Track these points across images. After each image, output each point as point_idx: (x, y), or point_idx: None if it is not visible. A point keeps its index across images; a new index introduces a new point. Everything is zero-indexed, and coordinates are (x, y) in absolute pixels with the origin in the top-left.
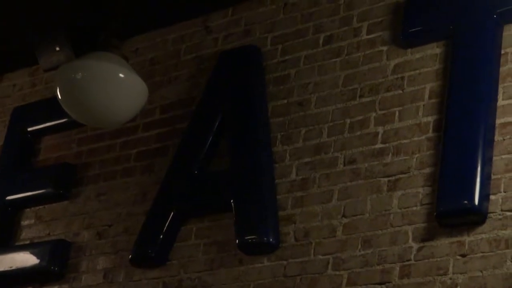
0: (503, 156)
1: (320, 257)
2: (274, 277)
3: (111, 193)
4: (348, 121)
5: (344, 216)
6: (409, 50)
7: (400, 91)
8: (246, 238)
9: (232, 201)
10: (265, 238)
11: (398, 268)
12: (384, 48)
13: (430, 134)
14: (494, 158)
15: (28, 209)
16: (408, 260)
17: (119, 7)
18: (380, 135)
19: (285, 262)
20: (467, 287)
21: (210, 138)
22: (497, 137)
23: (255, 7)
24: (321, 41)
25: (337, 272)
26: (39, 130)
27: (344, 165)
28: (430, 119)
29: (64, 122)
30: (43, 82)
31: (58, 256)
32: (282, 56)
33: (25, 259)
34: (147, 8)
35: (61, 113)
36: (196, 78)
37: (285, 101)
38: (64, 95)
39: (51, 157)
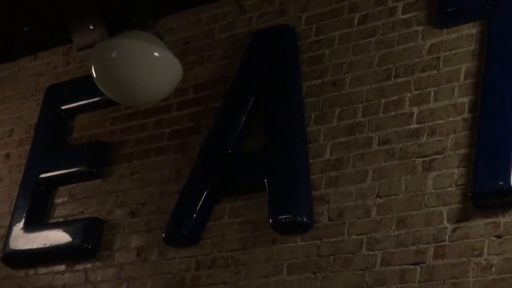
0: None
1: (354, 237)
2: (308, 256)
3: (145, 171)
4: (383, 101)
5: (378, 196)
6: (444, 30)
7: (436, 71)
8: (279, 217)
9: (265, 180)
10: (299, 218)
11: (432, 249)
12: (420, 28)
13: (466, 114)
14: None
15: (62, 187)
16: (442, 241)
17: None
18: (415, 115)
19: (318, 242)
20: (502, 269)
21: (244, 118)
22: None
23: None
24: (356, 21)
25: (371, 252)
26: (73, 108)
27: (379, 145)
28: (466, 99)
29: (98, 100)
30: (77, 61)
31: (92, 234)
32: (317, 36)
33: (59, 236)
34: None
35: (95, 92)
36: (229, 57)
37: (319, 81)
38: (99, 74)
39: (85, 135)
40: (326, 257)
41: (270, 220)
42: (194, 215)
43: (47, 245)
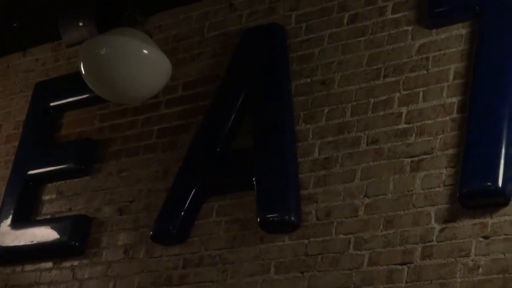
0: None
1: (342, 236)
2: (295, 255)
3: (133, 169)
4: (371, 100)
5: (366, 196)
6: (434, 30)
7: (425, 72)
8: (267, 216)
9: (254, 179)
10: (287, 217)
11: (420, 249)
12: (409, 28)
13: (454, 115)
14: None
15: (49, 184)
16: (430, 241)
17: None
18: (403, 115)
19: (306, 241)
20: (489, 269)
21: (233, 116)
22: None
23: None
24: (345, 20)
25: (359, 252)
26: (62, 105)
27: (367, 145)
28: (455, 100)
29: (87, 97)
30: (66, 57)
31: (79, 231)
32: (306, 35)
33: (46, 233)
34: None
35: (84, 89)
36: (219, 55)
37: (309, 80)
38: (88, 71)
39: (73, 132)
40: (313, 257)
41: (258, 219)
42: (182, 213)
43: (35, 242)
